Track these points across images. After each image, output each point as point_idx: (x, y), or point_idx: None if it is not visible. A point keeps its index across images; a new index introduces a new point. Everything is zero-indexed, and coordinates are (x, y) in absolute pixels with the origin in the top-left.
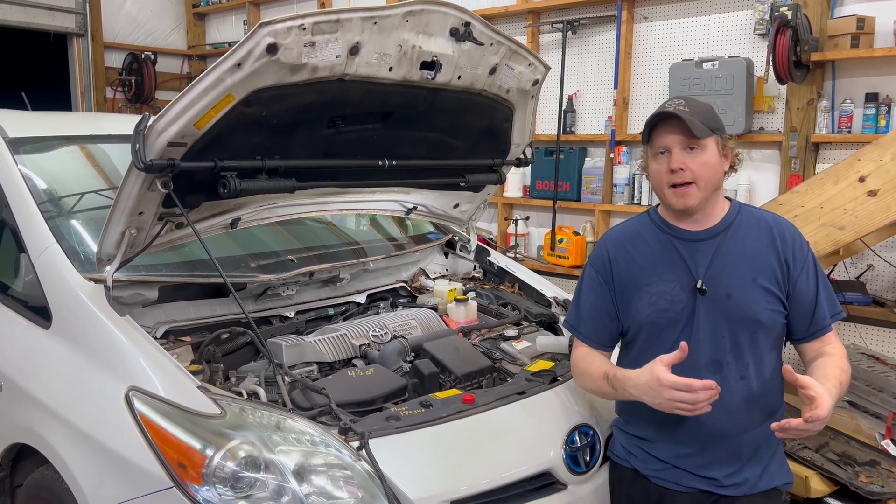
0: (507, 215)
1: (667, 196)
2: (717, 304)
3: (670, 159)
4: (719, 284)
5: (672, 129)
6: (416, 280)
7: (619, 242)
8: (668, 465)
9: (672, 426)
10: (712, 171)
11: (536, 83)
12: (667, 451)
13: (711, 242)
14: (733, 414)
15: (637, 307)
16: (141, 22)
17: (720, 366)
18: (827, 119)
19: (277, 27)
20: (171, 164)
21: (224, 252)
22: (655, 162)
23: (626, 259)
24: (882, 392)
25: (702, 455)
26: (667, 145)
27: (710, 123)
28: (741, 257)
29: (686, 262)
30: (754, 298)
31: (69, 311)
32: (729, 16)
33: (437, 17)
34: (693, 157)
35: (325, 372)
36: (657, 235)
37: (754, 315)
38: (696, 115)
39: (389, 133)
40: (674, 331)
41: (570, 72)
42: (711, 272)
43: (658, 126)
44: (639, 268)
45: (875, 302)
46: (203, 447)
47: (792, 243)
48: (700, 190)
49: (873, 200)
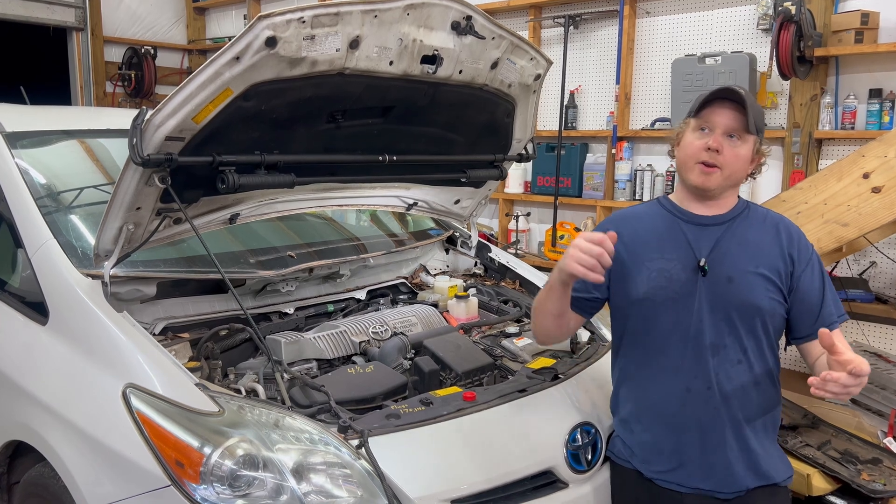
0: (509, 211)
1: (691, 170)
2: (717, 286)
3: (712, 137)
4: (721, 268)
5: (728, 112)
6: (416, 276)
7: (626, 218)
8: (671, 467)
9: (670, 415)
10: (741, 165)
11: (538, 78)
12: (672, 446)
13: (718, 228)
14: (731, 401)
15: (635, 282)
16: (141, 16)
17: (718, 349)
18: (830, 115)
19: (276, 20)
20: (169, 158)
21: (223, 248)
22: (695, 136)
23: (630, 233)
24: (884, 390)
25: (707, 447)
26: (714, 123)
27: (759, 124)
28: (745, 246)
29: (690, 243)
30: (755, 284)
31: (66, 307)
32: (732, 10)
33: (439, 11)
34: (731, 146)
35: (325, 369)
36: (664, 217)
37: (754, 301)
38: (753, 109)
39: (390, 128)
40: (670, 309)
41: (572, 67)
42: (714, 255)
43: (714, 103)
44: (642, 243)
45: (878, 299)
46: (201, 445)
47: (797, 241)
48: (723, 177)
49: (877, 197)
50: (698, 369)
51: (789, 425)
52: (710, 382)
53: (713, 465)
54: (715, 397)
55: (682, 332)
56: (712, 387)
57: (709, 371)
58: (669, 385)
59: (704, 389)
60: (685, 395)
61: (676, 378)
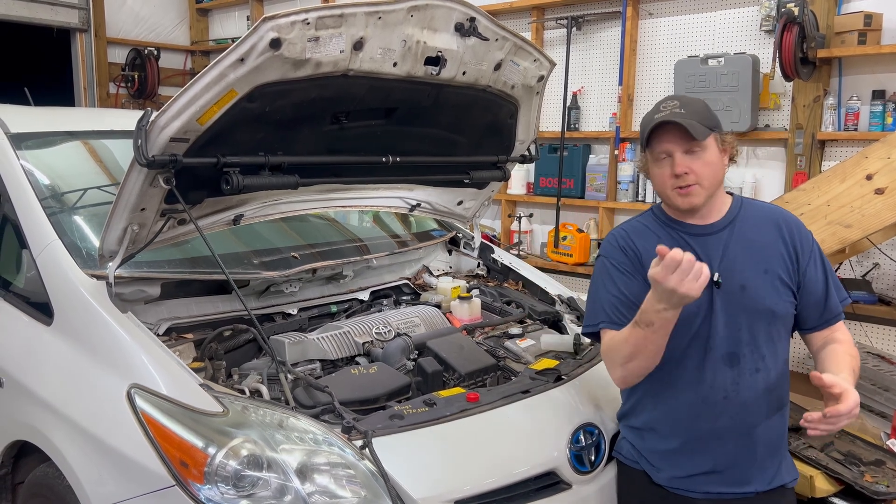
0: (511, 212)
1: (671, 198)
2: (732, 296)
3: (673, 163)
4: (732, 276)
5: (672, 133)
6: (419, 277)
7: (634, 236)
8: (684, 474)
9: (684, 428)
10: (715, 170)
11: (541, 79)
12: (686, 453)
13: (720, 236)
14: (748, 408)
15: None
16: (144, 17)
17: (737, 358)
18: (833, 116)
19: (281, 22)
20: (174, 159)
21: (227, 248)
22: (657, 166)
23: (644, 249)
24: (888, 391)
25: (718, 454)
26: (668, 150)
27: (707, 122)
28: (751, 249)
29: (700, 256)
30: (767, 289)
31: (71, 308)
32: (735, 12)
33: (442, 12)
34: (695, 159)
35: (328, 370)
36: (666, 231)
37: (769, 306)
38: (693, 115)
39: (393, 129)
40: (692, 325)
41: (575, 68)
42: (725, 265)
43: (657, 131)
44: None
45: (881, 300)
46: (205, 445)
47: (798, 233)
48: (705, 189)
49: (881, 198)
50: (714, 380)
51: (792, 427)
52: (726, 392)
53: (726, 472)
54: (731, 407)
55: (698, 345)
56: (729, 396)
57: (725, 382)
58: (685, 397)
59: (721, 399)
60: (700, 407)
61: (692, 390)
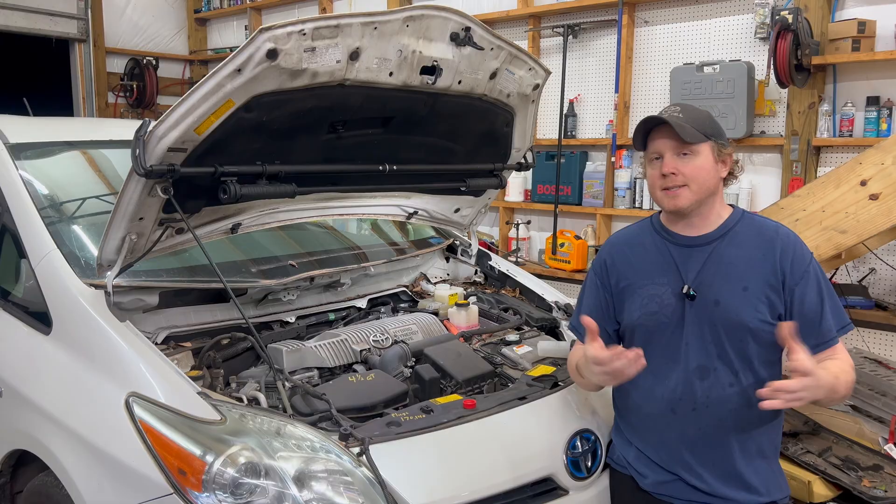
0: (509, 219)
1: (659, 198)
2: (704, 310)
3: (662, 164)
4: (708, 291)
5: (664, 134)
6: (417, 285)
7: (619, 246)
8: (667, 479)
9: (657, 436)
10: (705, 175)
11: (537, 87)
12: (663, 461)
13: (705, 249)
14: (722, 422)
15: (630, 309)
16: (142, 27)
17: (707, 372)
18: (828, 122)
19: (277, 32)
20: (172, 169)
21: (224, 257)
22: (650, 167)
23: (623, 261)
24: (885, 396)
25: (693, 464)
26: (659, 150)
27: (703, 129)
28: (733, 265)
29: (678, 266)
30: (744, 306)
31: (69, 317)
32: (730, 20)
33: (438, 22)
34: (686, 162)
35: (326, 377)
36: (654, 240)
37: (742, 322)
38: (690, 121)
39: (390, 138)
40: (664, 334)
41: (571, 76)
42: (701, 278)
43: (651, 132)
44: (634, 270)
45: (877, 306)
46: (203, 453)
47: (793, 253)
48: (692, 192)
49: (875, 204)
50: (683, 392)
51: (790, 432)
52: (694, 404)
53: (707, 482)
54: (702, 419)
55: (669, 356)
56: (698, 409)
57: (694, 394)
58: (656, 406)
59: (689, 411)
60: (671, 416)
61: (663, 400)
